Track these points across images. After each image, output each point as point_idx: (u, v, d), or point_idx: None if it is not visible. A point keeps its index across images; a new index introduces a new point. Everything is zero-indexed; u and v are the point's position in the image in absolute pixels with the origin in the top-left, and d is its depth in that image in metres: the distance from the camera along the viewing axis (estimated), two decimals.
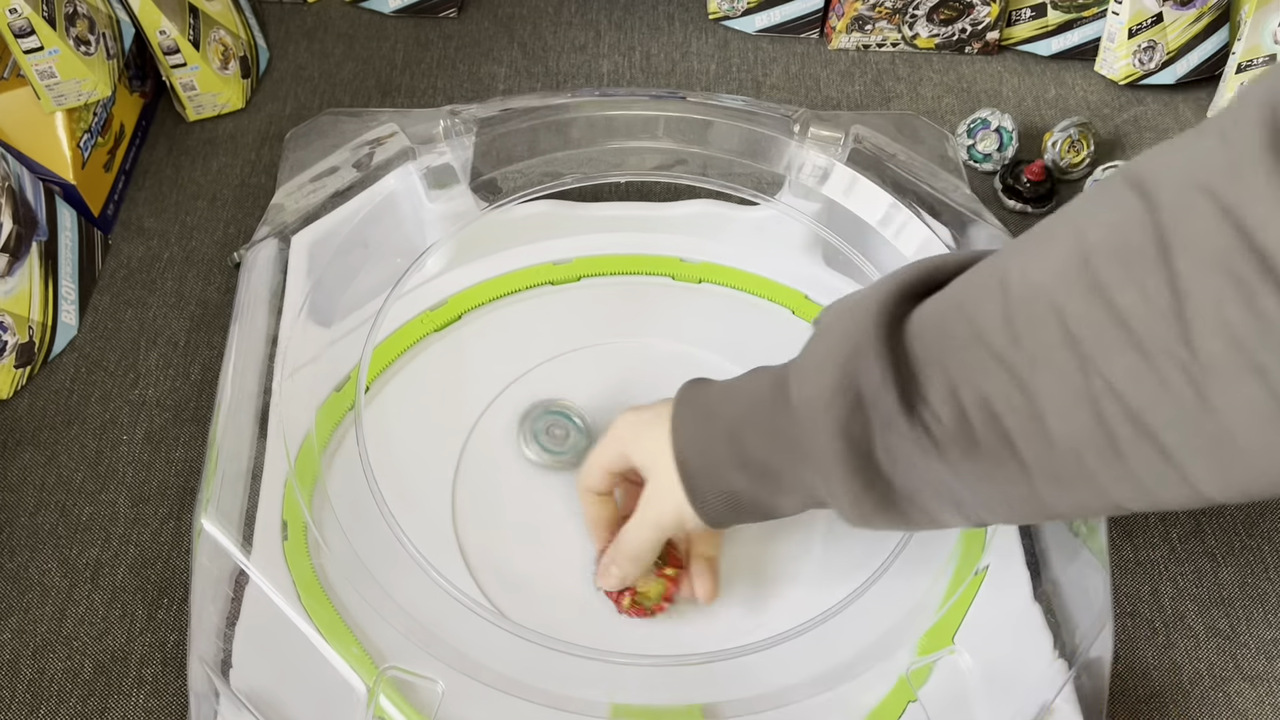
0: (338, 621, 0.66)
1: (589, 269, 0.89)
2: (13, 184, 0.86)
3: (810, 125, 0.88)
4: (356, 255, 0.83)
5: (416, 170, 0.86)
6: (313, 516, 0.70)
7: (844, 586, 0.68)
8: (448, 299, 0.86)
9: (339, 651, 0.64)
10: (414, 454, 0.78)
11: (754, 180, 0.87)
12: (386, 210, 0.85)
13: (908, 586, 0.71)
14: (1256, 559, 0.80)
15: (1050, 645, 0.67)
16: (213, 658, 0.64)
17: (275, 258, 0.82)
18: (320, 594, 0.68)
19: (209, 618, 0.66)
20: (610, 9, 1.20)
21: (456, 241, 0.87)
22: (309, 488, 0.72)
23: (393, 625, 0.65)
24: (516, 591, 0.72)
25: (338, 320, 0.82)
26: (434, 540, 0.72)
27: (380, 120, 0.90)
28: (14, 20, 0.85)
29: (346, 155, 0.88)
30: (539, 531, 0.75)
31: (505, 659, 0.64)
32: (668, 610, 0.71)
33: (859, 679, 0.66)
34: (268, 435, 0.74)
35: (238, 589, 0.67)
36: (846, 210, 0.86)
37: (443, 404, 0.81)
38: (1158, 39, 1.10)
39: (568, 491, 0.77)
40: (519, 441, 0.79)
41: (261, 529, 0.70)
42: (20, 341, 0.85)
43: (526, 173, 0.87)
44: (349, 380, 0.79)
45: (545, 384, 0.83)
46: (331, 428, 0.77)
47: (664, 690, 0.67)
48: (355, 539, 0.69)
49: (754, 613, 0.72)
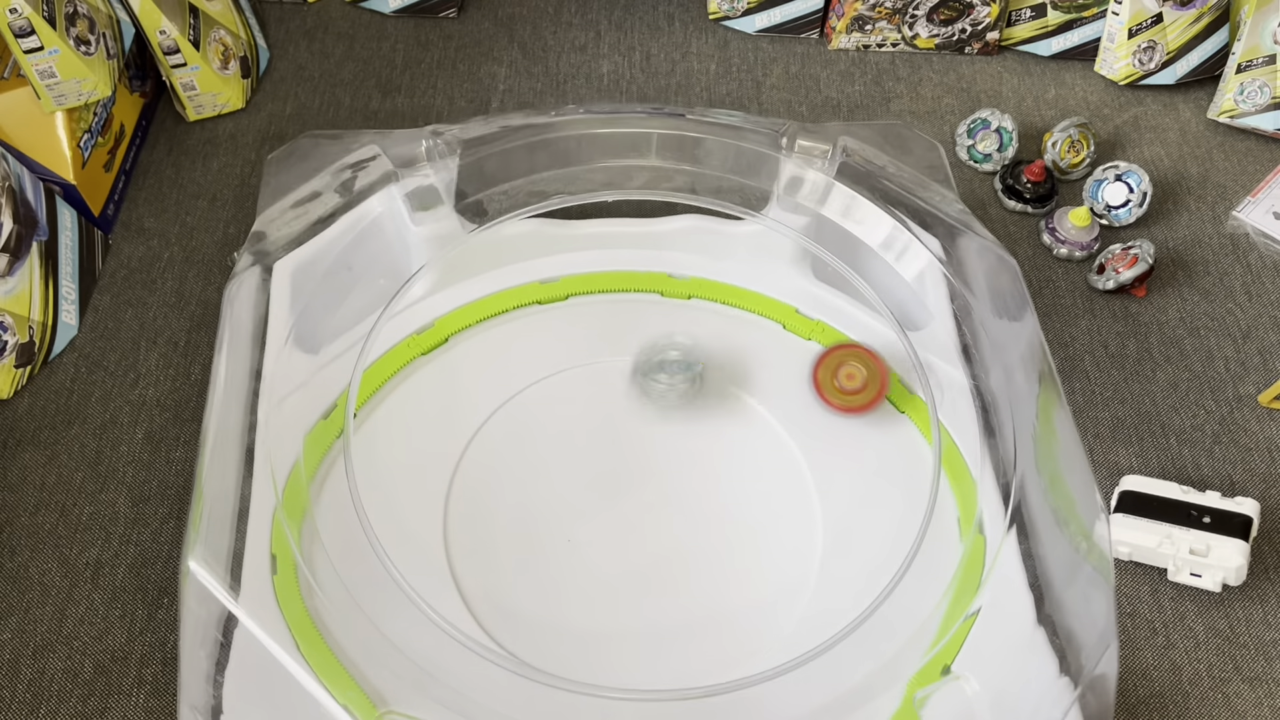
0: (334, 664, 0.65)
1: (577, 287, 0.88)
2: (13, 184, 0.86)
3: (798, 138, 0.87)
4: (341, 280, 0.83)
5: (400, 193, 0.85)
6: (302, 552, 0.69)
7: (844, 615, 0.67)
8: (434, 321, 0.85)
9: (336, 696, 0.63)
10: (404, 483, 0.77)
11: (742, 196, 0.87)
12: (370, 234, 0.84)
13: (909, 613, 0.70)
14: (1256, 560, 0.80)
15: (1055, 667, 0.67)
16: (204, 705, 0.63)
17: (258, 287, 0.81)
18: (314, 635, 0.66)
19: (198, 663, 0.64)
20: (610, 9, 1.20)
21: (442, 263, 0.86)
22: (297, 520, 0.71)
23: (390, 668, 0.64)
24: (514, 624, 0.71)
25: (323, 346, 0.81)
26: (427, 573, 0.71)
27: (361, 142, 0.89)
28: (14, 20, 0.85)
29: (328, 179, 0.87)
30: (534, 561, 0.75)
31: (506, 698, 0.64)
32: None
33: (863, 707, 0.66)
34: (254, 467, 0.73)
35: (227, 632, 0.65)
36: (835, 224, 0.85)
37: (432, 429, 0.81)
38: (1158, 39, 1.10)
39: (562, 516, 0.77)
40: (641, 387, 0.81)
41: (250, 566, 0.69)
42: (20, 341, 0.85)
43: (512, 193, 0.86)
44: (336, 407, 0.78)
45: (535, 406, 0.82)
46: (319, 457, 0.77)
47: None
48: (346, 575, 0.68)
49: (753, 642, 0.72)
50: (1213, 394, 0.90)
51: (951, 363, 0.81)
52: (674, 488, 0.79)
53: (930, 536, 0.70)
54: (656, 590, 0.74)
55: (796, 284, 0.88)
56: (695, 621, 0.73)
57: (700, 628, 0.72)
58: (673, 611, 0.73)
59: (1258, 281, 0.98)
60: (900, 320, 0.81)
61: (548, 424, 0.81)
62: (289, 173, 0.89)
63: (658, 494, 0.79)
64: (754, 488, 0.79)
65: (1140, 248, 0.94)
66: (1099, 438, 0.87)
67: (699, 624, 0.73)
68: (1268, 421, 0.89)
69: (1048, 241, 0.99)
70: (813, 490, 0.78)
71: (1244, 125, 1.09)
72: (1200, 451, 0.87)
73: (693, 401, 0.81)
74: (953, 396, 0.80)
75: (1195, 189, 1.05)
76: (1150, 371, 0.91)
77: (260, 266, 0.82)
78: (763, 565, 0.75)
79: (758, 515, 0.78)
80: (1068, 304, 0.96)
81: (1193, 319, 0.95)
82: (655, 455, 0.80)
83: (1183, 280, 0.98)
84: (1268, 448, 0.87)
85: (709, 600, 0.74)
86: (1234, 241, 1.01)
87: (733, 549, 0.76)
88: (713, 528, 0.77)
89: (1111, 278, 0.94)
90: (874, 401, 0.79)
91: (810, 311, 0.86)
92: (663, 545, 0.77)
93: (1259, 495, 0.84)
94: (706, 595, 0.74)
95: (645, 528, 0.77)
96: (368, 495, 0.70)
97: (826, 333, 0.85)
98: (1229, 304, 0.96)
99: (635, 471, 0.80)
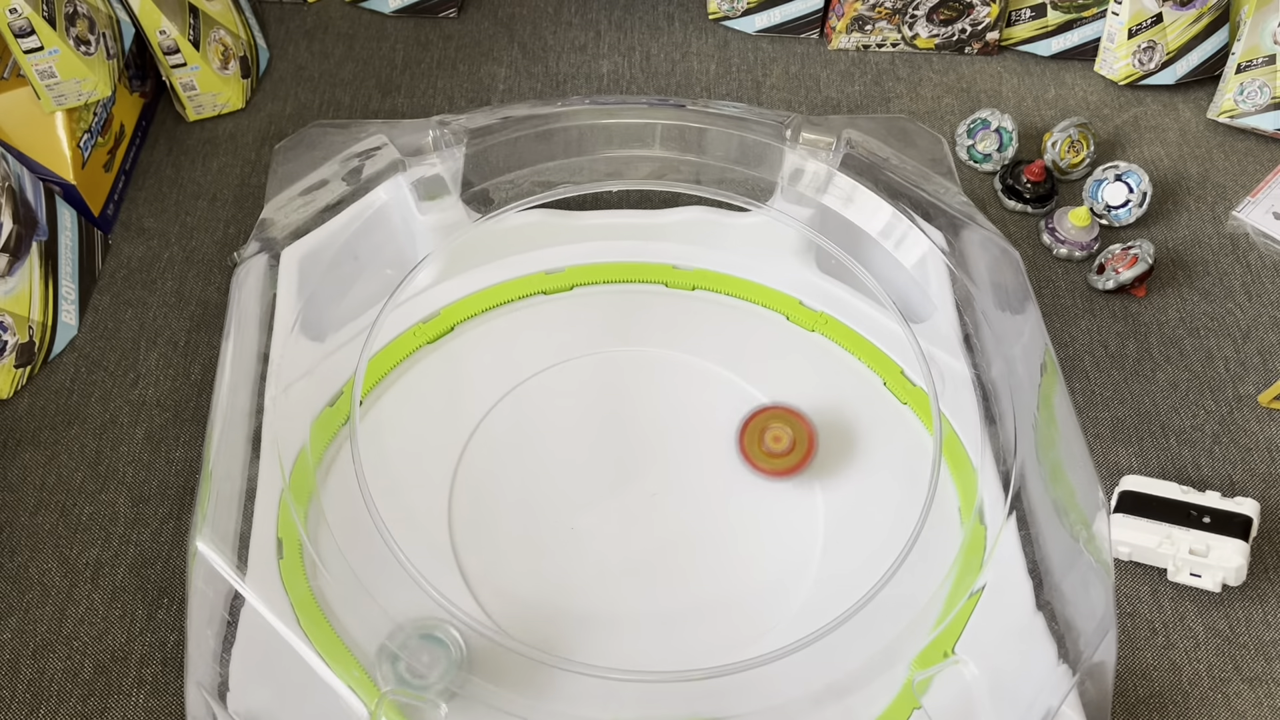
0: (337, 643, 0.66)
1: (582, 278, 0.88)
2: (13, 184, 0.86)
3: (802, 130, 0.87)
4: (348, 268, 0.83)
5: (407, 182, 0.85)
6: (308, 534, 0.69)
7: (845, 599, 0.68)
8: (440, 311, 0.85)
9: (339, 674, 0.63)
10: (409, 468, 0.78)
11: (747, 187, 0.87)
12: (377, 223, 0.85)
13: (909, 598, 0.70)
14: (1256, 560, 0.80)
15: (1054, 653, 0.67)
16: (210, 682, 0.64)
17: (265, 274, 0.82)
18: (319, 615, 0.67)
19: (205, 642, 0.65)
20: (610, 9, 1.20)
21: (448, 253, 0.86)
22: (304, 503, 0.72)
23: (392, 647, 0.64)
24: (516, 607, 0.72)
25: (330, 334, 0.82)
26: (431, 556, 0.72)
27: (369, 132, 0.89)
28: (14, 20, 0.85)
29: (336, 168, 0.87)
30: (538, 547, 0.75)
31: (507, 678, 0.64)
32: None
33: (863, 690, 0.66)
34: (261, 452, 0.73)
35: (234, 612, 0.66)
36: (839, 215, 0.85)
37: (437, 417, 0.81)
38: (1157, 39, 1.10)
39: (566, 504, 0.77)
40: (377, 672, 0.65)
41: (256, 548, 0.69)
42: (20, 341, 0.85)
43: (518, 183, 0.86)
44: (342, 395, 0.79)
45: (539, 395, 0.82)
46: (325, 443, 0.77)
47: (668, 706, 0.66)
48: (352, 556, 0.68)
49: (755, 627, 0.72)
50: (1213, 394, 0.90)
51: (953, 353, 0.82)
52: (676, 475, 0.79)
53: (930, 523, 0.70)
54: (659, 576, 0.75)
55: (801, 276, 0.89)
56: (698, 606, 0.73)
57: (702, 612, 0.73)
58: (675, 596, 0.74)
59: (1258, 281, 0.98)
60: (903, 311, 0.81)
61: (551, 413, 0.81)
62: (297, 161, 0.89)
63: (660, 481, 0.79)
64: (757, 476, 0.79)
65: (1140, 248, 0.94)
66: (1099, 438, 0.87)
67: (701, 608, 0.73)
68: (1268, 421, 0.89)
69: (1048, 241, 0.99)
70: (815, 477, 0.79)
71: (1244, 125, 1.09)
72: (1200, 451, 0.87)
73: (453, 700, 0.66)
74: (954, 386, 0.80)
75: (1195, 189, 1.05)
76: (1150, 371, 0.91)
77: (268, 253, 0.83)
78: (765, 551, 0.75)
79: (760, 502, 0.78)
80: (1068, 304, 0.96)
81: (1193, 319, 0.95)
82: (658, 443, 0.81)
83: (1183, 280, 0.98)
84: (1268, 448, 0.87)
85: (711, 585, 0.74)
86: (1234, 241, 1.01)
87: (735, 535, 0.77)
88: (715, 514, 0.78)
89: (1111, 278, 0.94)
90: (802, 463, 0.78)
91: (814, 303, 0.87)
92: (666, 531, 0.77)
93: (1259, 495, 0.84)
94: (709, 581, 0.74)
95: (648, 515, 0.77)
96: (373, 481, 0.70)
97: (830, 324, 0.85)
98: (1229, 304, 0.96)
99: (638, 459, 0.80)
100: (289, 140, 0.92)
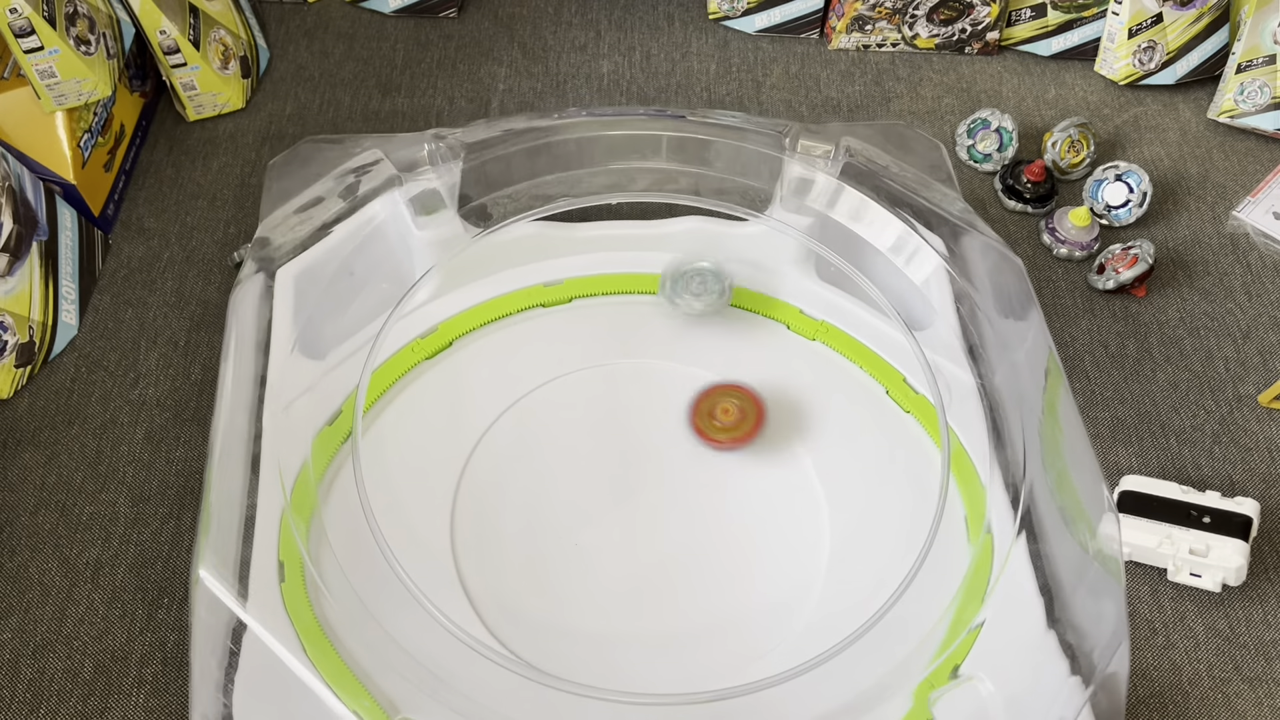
0: (344, 671, 0.65)
1: (580, 290, 0.88)
2: (13, 184, 0.86)
3: (800, 139, 0.87)
4: (344, 285, 0.82)
5: (403, 197, 0.85)
6: (310, 554, 0.68)
7: (854, 617, 0.67)
8: (438, 325, 0.85)
9: (347, 703, 0.62)
10: (411, 485, 0.77)
11: (745, 197, 0.87)
12: (374, 239, 0.84)
13: (918, 616, 0.70)
14: (1256, 561, 0.80)
15: (1067, 667, 0.66)
16: (215, 714, 0.63)
17: (262, 294, 0.81)
18: (324, 642, 0.66)
19: (210, 672, 0.64)
20: (610, 9, 1.20)
21: (445, 267, 0.85)
22: (305, 521, 0.71)
23: (399, 673, 0.63)
24: (522, 627, 0.71)
25: (328, 352, 0.81)
26: (435, 577, 0.71)
27: (363, 146, 0.88)
28: (14, 20, 0.85)
29: (331, 184, 0.86)
30: (542, 565, 0.75)
31: (516, 703, 0.63)
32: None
33: (874, 711, 0.65)
34: (260, 474, 0.73)
35: (237, 640, 0.65)
36: (838, 224, 0.85)
37: (438, 433, 0.80)
38: (1158, 39, 1.10)
39: (569, 520, 0.77)
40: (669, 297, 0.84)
41: (258, 572, 0.68)
42: (20, 341, 0.85)
43: (516, 196, 0.86)
44: (342, 412, 0.78)
45: (540, 410, 0.82)
46: (327, 460, 0.76)
47: None
48: (354, 577, 0.67)
49: (762, 645, 0.71)
50: (1213, 394, 0.90)
51: (957, 362, 0.81)
52: (681, 491, 0.79)
53: (938, 540, 0.70)
54: (665, 594, 0.74)
55: (800, 284, 0.88)
56: (704, 625, 0.73)
57: (709, 632, 0.72)
58: (681, 615, 0.73)
59: (1258, 281, 0.98)
60: (905, 319, 0.80)
61: (553, 427, 0.81)
62: (291, 178, 0.88)
63: (665, 497, 0.79)
64: (761, 491, 0.79)
65: (1140, 248, 0.94)
66: (1099, 438, 0.87)
67: (708, 628, 0.73)
68: (1268, 421, 0.89)
69: (1048, 241, 0.99)
70: (820, 493, 0.78)
71: (1244, 125, 1.09)
72: (1200, 451, 0.87)
73: (720, 313, 0.84)
74: (959, 396, 0.80)
75: (1195, 189, 1.05)
76: (1150, 371, 0.91)
77: (264, 273, 0.82)
78: (771, 569, 0.75)
79: (765, 519, 0.78)
80: (1068, 304, 0.96)
81: (1193, 319, 0.95)
82: (662, 457, 0.80)
83: (1183, 280, 0.98)
84: (1268, 448, 0.87)
85: (718, 604, 0.74)
86: (1234, 241, 1.01)
87: (742, 552, 0.76)
88: (721, 531, 0.77)
89: (1111, 278, 0.94)
90: (752, 432, 0.79)
91: (814, 312, 0.86)
92: (671, 549, 0.76)
93: (1259, 495, 0.84)
94: (715, 599, 0.74)
95: (653, 531, 0.77)
96: (375, 499, 0.70)
97: (831, 333, 0.85)
98: (1229, 304, 0.96)
99: (642, 474, 0.80)
100: (282, 157, 0.90)
